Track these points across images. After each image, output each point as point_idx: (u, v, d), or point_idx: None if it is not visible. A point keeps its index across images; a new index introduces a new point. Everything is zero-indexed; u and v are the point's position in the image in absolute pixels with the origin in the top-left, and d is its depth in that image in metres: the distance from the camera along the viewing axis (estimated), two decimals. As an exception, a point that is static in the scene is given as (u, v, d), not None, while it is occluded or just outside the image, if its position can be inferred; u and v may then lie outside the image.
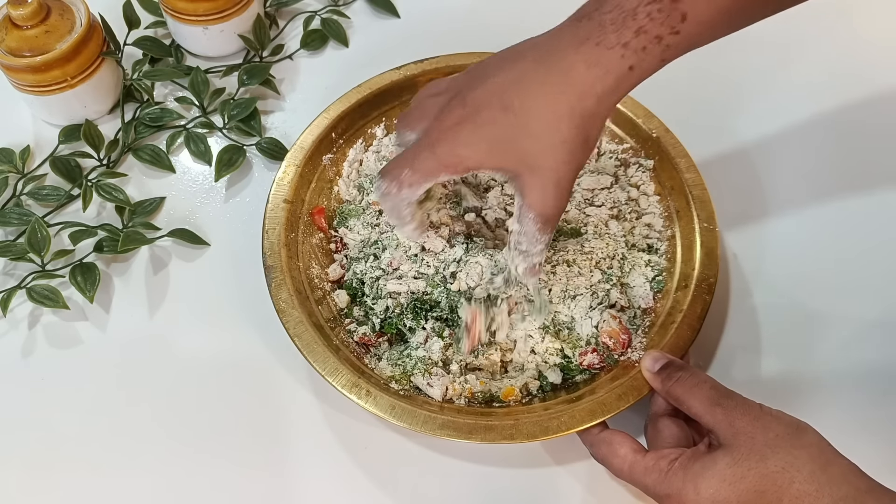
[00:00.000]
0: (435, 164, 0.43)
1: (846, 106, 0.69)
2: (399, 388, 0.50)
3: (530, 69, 0.41)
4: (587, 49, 0.40)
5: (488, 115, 0.41)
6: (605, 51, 0.39)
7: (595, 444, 0.46)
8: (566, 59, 0.40)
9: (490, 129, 0.41)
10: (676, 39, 0.39)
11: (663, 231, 0.57)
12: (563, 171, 0.42)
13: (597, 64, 0.40)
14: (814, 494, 0.38)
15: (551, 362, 0.52)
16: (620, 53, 0.39)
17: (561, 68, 0.40)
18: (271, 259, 0.53)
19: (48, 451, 0.52)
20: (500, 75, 0.42)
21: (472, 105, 0.42)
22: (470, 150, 0.42)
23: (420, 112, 0.46)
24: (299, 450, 0.52)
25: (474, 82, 0.43)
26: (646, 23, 0.39)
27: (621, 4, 0.39)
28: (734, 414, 0.41)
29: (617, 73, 0.40)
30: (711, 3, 0.39)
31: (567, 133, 0.41)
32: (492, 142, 0.42)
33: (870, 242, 0.61)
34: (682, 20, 0.39)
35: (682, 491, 0.41)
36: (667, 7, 0.39)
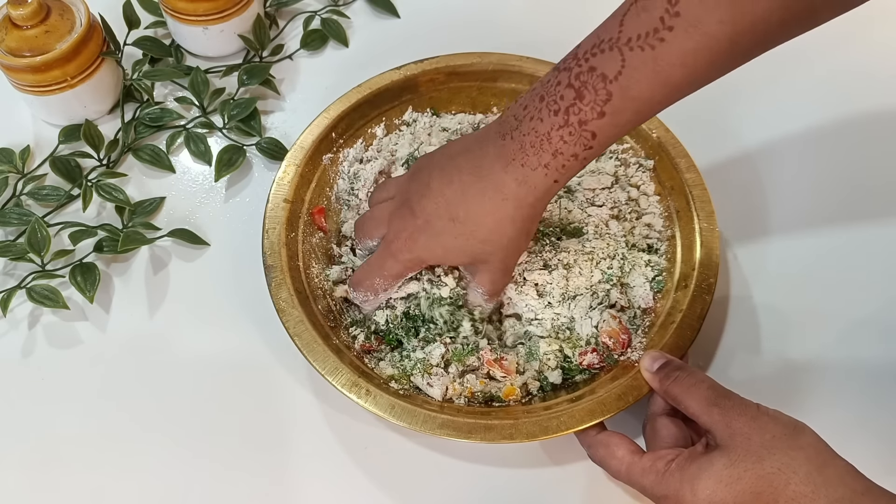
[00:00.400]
0: (400, 268, 0.50)
1: (846, 106, 0.69)
2: (399, 387, 0.50)
3: (469, 184, 0.46)
4: (514, 169, 0.45)
5: (439, 225, 0.48)
6: (529, 171, 0.45)
7: (593, 445, 0.46)
8: (497, 177, 0.45)
9: (443, 238, 0.48)
10: (591, 153, 0.44)
11: (663, 231, 0.57)
12: (509, 259, 0.49)
13: (524, 182, 0.45)
14: (810, 496, 0.38)
15: (551, 363, 0.52)
16: (543, 173, 0.44)
17: (495, 185, 0.46)
18: (271, 258, 0.53)
19: (48, 451, 0.52)
20: (442, 188, 0.47)
21: (422, 216, 0.48)
22: (428, 254, 0.49)
23: (375, 221, 0.52)
24: (299, 450, 0.52)
25: (420, 191, 0.49)
26: (560, 145, 0.43)
27: (536, 128, 0.44)
28: (731, 414, 0.42)
29: (544, 187, 0.45)
30: (615, 122, 0.42)
31: (510, 233, 0.47)
32: (446, 248, 0.48)
33: (869, 243, 0.61)
34: (592, 138, 0.43)
35: (678, 492, 0.41)
36: (576, 131, 0.42)
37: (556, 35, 0.73)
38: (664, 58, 0.39)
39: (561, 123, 0.43)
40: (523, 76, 0.63)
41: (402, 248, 0.49)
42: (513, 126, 0.45)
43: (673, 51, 0.39)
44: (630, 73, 0.40)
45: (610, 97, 0.41)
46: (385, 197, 0.53)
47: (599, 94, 0.41)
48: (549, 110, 0.43)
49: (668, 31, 0.39)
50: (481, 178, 0.46)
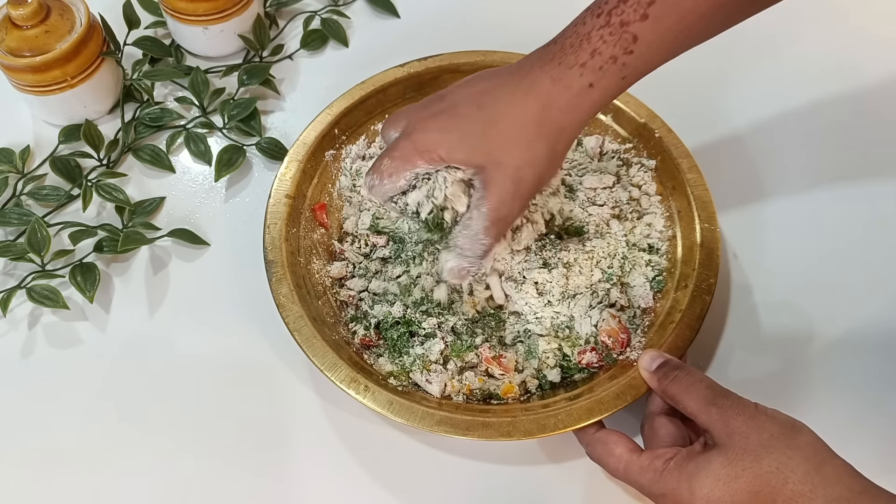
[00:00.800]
0: (411, 149, 0.46)
1: (849, 109, 0.69)
2: (398, 383, 0.50)
3: (504, 81, 0.46)
4: (551, 67, 0.44)
5: (464, 109, 0.46)
6: (566, 69, 0.44)
7: (591, 443, 0.46)
8: (533, 74, 0.45)
9: (463, 120, 0.45)
10: (632, 59, 0.43)
11: (664, 231, 0.57)
12: (525, 172, 0.45)
13: (559, 80, 0.44)
14: (808, 495, 0.38)
15: (550, 361, 0.52)
16: (579, 72, 0.44)
17: (529, 81, 0.45)
18: (272, 254, 0.53)
19: (48, 451, 0.52)
20: (477, 84, 0.47)
21: (449, 101, 0.47)
22: (443, 136, 0.46)
23: (402, 114, 0.49)
24: (300, 447, 0.52)
25: (452, 88, 0.48)
26: (599, 45, 0.43)
27: (578, 30, 0.44)
28: (729, 413, 0.42)
29: (577, 88, 0.44)
30: (657, 25, 0.42)
31: (533, 135, 0.45)
32: (464, 132, 0.45)
33: (869, 244, 0.61)
34: (633, 41, 0.42)
35: (676, 491, 0.41)
36: (617, 31, 0.42)
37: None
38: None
39: (602, 24, 0.43)
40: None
41: (419, 126, 0.46)
42: (558, 35, 0.45)
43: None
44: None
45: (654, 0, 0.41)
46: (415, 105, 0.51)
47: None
48: (592, 14, 0.43)
49: None
50: (516, 76, 0.45)
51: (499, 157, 0.45)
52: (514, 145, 0.45)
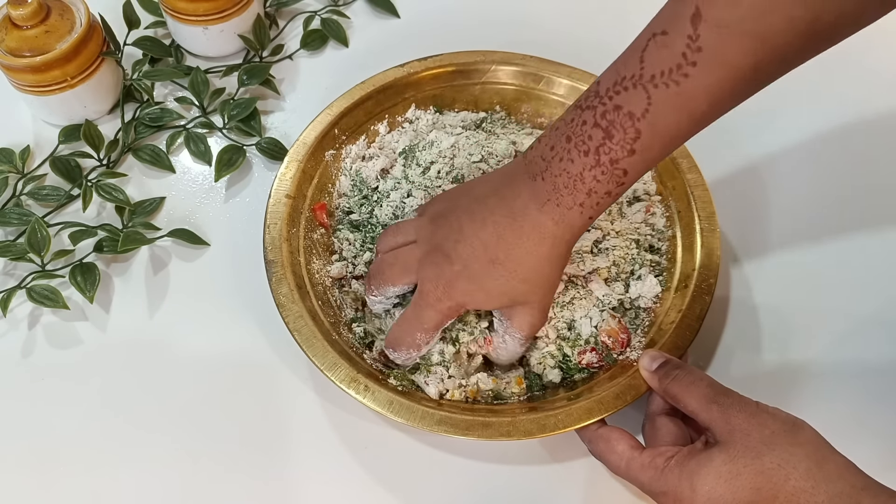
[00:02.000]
0: (440, 318, 0.49)
1: (847, 106, 0.69)
2: (398, 383, 0.50)
3: (504, 226, 0.46)
4: (550, 209, 0.45)
5: (478, 268, 0.47)
6: (566, 210, 0.45)
7: (593, 440, 0.46)
8: (534, 217, 0.46)
9: (484, 281, 0.47)
10: (623, 188, 0.44)
11: (664, 231, 0.57)
12: (547, 298, 0.49)
13: (561, 221, 0.45)
14: (809, 491, 0.38)
15: (550, 362, 0.52)
16: (579, 212, 0.45)
17: (532, 226, 0.46)
18: (272, 253, 0.53)
19: (48, 451, 0.52)
20: (478, 233, 0.47)
21: (459, 262, 0.47)
22: (468, 299, 0.48)
23: (400, 267, 0.50)
24: (300, 447, 0.52)
25: (452, 236, 0.48)
26: (594, 185, 0.43)
27: (568, 169, 0.44)
28: (730, 411, 0.42)
29: (580, 224, 0.45)
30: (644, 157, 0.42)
31: (548, 272, 0.47)
32: (487, 291, 0.47)
33: (869, 243, 0.61)
34: (623, 175, 0.43)
35: (677, 488, 0.41)
36: (608, 170, 0.43)
37: (557, 35, 0.73)
38: (690, 92, 0.39)
39: (592, 164, 0.43)
40: (527, 75, 0.63)
41: (442, 296, 0.48)
42: (542, 167, 0.45)
43: (698, 85, 0.39)
44: (657, 109, 0.40)
45: (639, 135, 0.41)
46: (402, 241, 0.52)
47: (628, 132, 0.41)
48: (578, 151, 0.43)
49: (692, 67, 0.38)
50: (516, 220, 0.46)
51: (524, 299, 0.48)
52: (536, 287, 0.47)
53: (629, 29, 0.51)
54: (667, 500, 0.42)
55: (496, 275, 0.47)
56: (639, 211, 0.58)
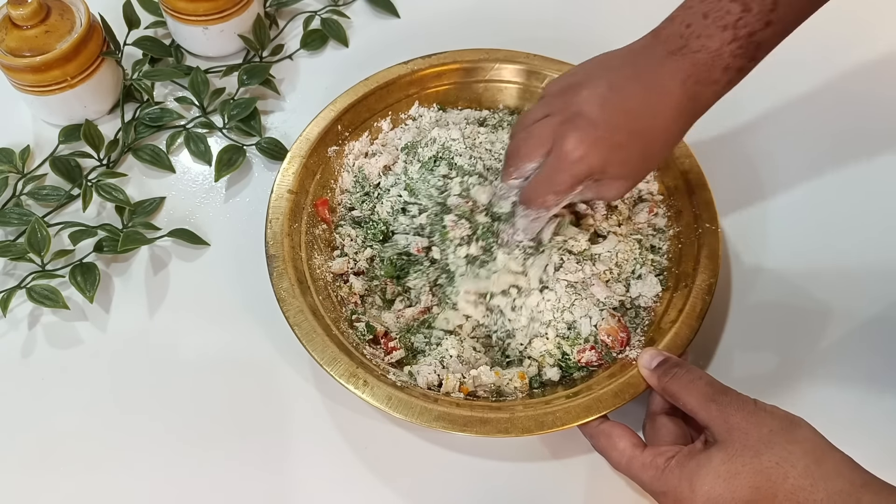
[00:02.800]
0: (573, 181, 0.47)
1: (848, 108, 0.69)
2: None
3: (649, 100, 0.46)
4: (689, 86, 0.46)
5: (621, 138, 0.46)
6: (703, 87, 0.45)
7: (595, 435, 0.47)
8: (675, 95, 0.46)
9: (624, 151, 0.47)
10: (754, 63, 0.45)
11: (665, 231, 0.57)
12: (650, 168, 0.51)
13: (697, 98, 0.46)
14: (808, 489, 0.38)
15: (549, 361, 0.52)
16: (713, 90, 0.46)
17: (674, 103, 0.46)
18: (274, 248, 0.53)
19: (48, 450, 0.52)
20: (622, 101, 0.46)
21: (604, 126, 0.46)
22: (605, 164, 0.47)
23: (536, 140, 0.48)
24: (302, 444, 0.52)
25: (596, 101, 0.46)
26: (730, 60, 0.44)
27: (707, 45, 0.44)
28: (729, 410, 0.42)
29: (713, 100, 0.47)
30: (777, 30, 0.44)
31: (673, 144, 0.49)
32: (624, 160, 0.47)
33: (869, 243, 0.61)
34: (757, 48, 0.44)
35: (677, 489, 0.41)
36: (745, 43, 0.44)
37: (556, 34, 0.73)
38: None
39: (730, 38, 0.44)
40: (530, 73, 0.63)
41: (580, 159, 0.46)
42: (679, 44, 0.45)
43: None
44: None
45: (776, 5, 0.42)
46: (537, 117, 0.49)
47: (766, 3, 0.42)
48: (716, 26, 0.44)
49: None
50: (659, 94, 0.46)
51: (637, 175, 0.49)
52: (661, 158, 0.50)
53: (631, 27, 0.51)
54: (667, 500, 0.42)
55: (638, 147, 0.47)
56: (642, 211, 0.58)
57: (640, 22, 0.50)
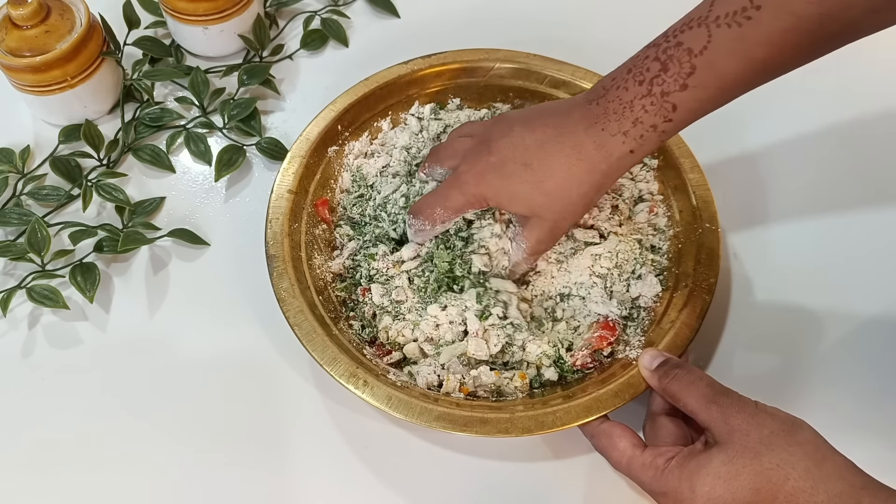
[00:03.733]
0: (463, 202, 0.50)
1: (848, 106, 0.69)
2: (396, 378, 0.50)
3: (550, 137, 0.48)
4: (594, 132, 0.46)
5: (511, 168, 0.48)
6: (609, 136, 0.46)
7: (595, 435, 0.47)
8: (578, 136, 0.47)
9: (511, 181, 0.48)
10: (670, 126, 0.45)
11: (666, 231, 0.57)
12: (562, 223, 0.50)
13: (602, 147, 0.46)
14: (809, 491, 0.38)
15: (546, 361, 0.52)
16: (621, 140, 0.46)
17: (574, 144, 0.47)
18: (274, 248, 0.53)
19: (48, 451, 0.52)
20: (525, 135, 0.48)
21: (497, 155, 0.49)
22: (493, 194, 0.49)
23: (450, 151, 0.53)
24: (302, 444, 0.52)
25: (502, 133, 0.50)
26: (641, 114, 0.45)
27: (621, 96, 0.45)
28: (729, 411, 0.42)
29: (618, 154, 0.46)
30: (696, 96, 0.43)
31: (574, 197, 0.48)
32: (512, 193, 0.49)
33: (869, 242, 0.61)
34: (672, 110, 0.44)
35: (677, 489, 0.41)
36: (658, 101, 0.44)
37: (556, 34, 0.73)
38: (750, 36, 0.40)
39: (644, 93, 0.44)
40: (530, 73, 0.63)
41: (471, 181, 0.50)
42: (600, 94, 0.46)
43: (760, 29, 0.40)
44: (715, 48, 0.41)
45: (693, 70, 0.42)
46: (465, 133, 0.54)
47: (684, 66, 0.42)
48: (634, 80, 0.45)
49: (756, 10, 0.40)
50: (562, 134, 0.47)
51: (541, 212, 0.49)
52: (557, 204, 0.48)
53: (632, 27, 0.51)
54: (667, 501, 0.42)
55: (524, 179, 0.48)
56: (642, 211, 0.58)
57: (640, 22, 0.50)
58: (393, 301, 0.53)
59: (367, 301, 0.54)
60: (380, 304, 0.53)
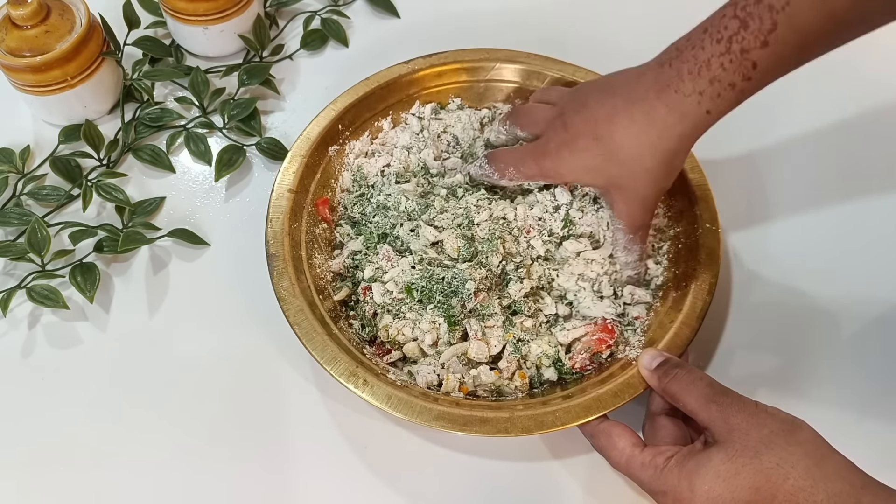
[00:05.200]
0: (537, 172, 0.51)
1: (847, 105, 0.69)
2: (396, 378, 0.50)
3: (620, 107, 0.47)
4: (668, 95, 0.45)
5: (583, 143, 0.48)
6: (682, 97, 0.44)
7: (595, 434, 0.47)
8: (649, 102, 0.46)
9: (584, 155, 0.48)
10: (749, 84, 0.44)
11: (666, 231, 0.57)
12: (645, 192, 0.49)
13: (675, 109, 0.45)
14: (808, 490, 0.38)
15: (546, 361, 0.52)
16: (697, 100, 0.44)
17: (644, 110, 0.46)
18: (274, 247, 0.53)
19: (48, 450, 0.52)
20: (596, 108, 0.48)
21: (571, 131, 0.49)
22: (567, 169, 0.50)
23: (531, 118, 0.54)
24: (303, 444, 0.52)
25: (576, 107, 0.50)
26: (719, 72, 0.43)
27: (696, 56, 0.44)
28: (729, 411, 0.42)
29: (694, 117, 0.45)
30: (777, 52, 0.42)
31: (649, 164, 0.47)
32: (586, 166, 0.49)
33: (870, 243, 0.61)
34: (752, 68, 0.43)
35: (676, 488, 0.41)
36: (737, 58, 0.43)
37: (557, 34, 0.73)
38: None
39: (722, 51, 0.43)
40: (531, 73, 0.63)
41: (546, 155, 0.50)
42: (673, 55, 0.45)
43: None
44: (797, 2, 0.41)
45: (775, 26, 0.41)
46: (548, 99, 0.55)
47: (765, 22, 0.42)
48: (711, 39, 0.43)
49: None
50: (633, 102, 0.46)
51: (619, 183, 0.48)
52: (631, 174, 0.47)
53: (633, 26, 0.51)
54: (666, 500, 0.42)
55: (595, 152, 0.48)
56: None
57: (641, 20, 0.50)
58: (394, 300, 0.53)
59: (367, 300, 0.54)
60: (381, 303, 0.53)
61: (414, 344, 0.52)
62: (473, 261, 0.53)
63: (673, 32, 0.47)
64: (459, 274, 0.52)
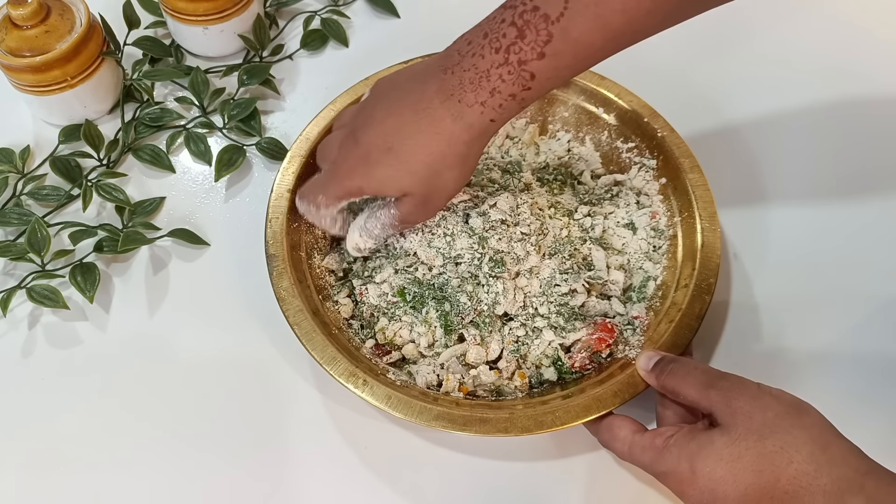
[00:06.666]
0: (341, 192, 0.50)
1: (848, 105, 0.69)
2: (395, 377, 0.50)
3: (408, 118, 0.47)
4: (451, 105, 0.45)
5: (376, 155, 0.48)
6: (466, 108, 0.45)
7: (598, 431, 0.47)
8: (435, 112, 0.46)
9: (378, 168, 0.48)
10: (529, 94, 0.44)
11: (665, 230, 0.57)
12: (433, 197, 0.49)
13: (460, 118, 0.45)
14: (812, 475, 0.38)
15: (546, 361, 0.52)
16: (480, 111, 0.45)
17: (431, 120, 0.46)
18: (273, 248, 0.53)
19: (48, 451, 0.52)
20: (385, 119, 0.48)
21: (363, 146, 0.48)
22: (366, 183, 0.49)
23: (327, 148, 0.53)
24: (302, 444, 0.52)
25: (364, 121, 0.49)
26: (498, 84, 0.43)
27: (477, 65, 0.44)
28: (731, 394, 0.41)
29: (479, 126, 0.45)
30: (554, 64, 0.42)
31: (440, 170, 0.47)
32: (380, 179, 0.48)
33: (870, 243, 0.61)
34: (531, 78, 0.43)
35: (677, 469, 0.41)
36: (515, 70, 0.43)
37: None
38: (606, 2, 0.40)
39: (501, 62, 0.43)
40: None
41: (344, 175, 0.49)
42: (455, 61, 0.45)
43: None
44: (572, 15, 0.41)
45: (550, 38, 0.41)
46: (341, 123, 0.54)
47: (541, 34, 0.42)
48: (490, 47, 0.43)
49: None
50: (419, 112, 0.46)
51: (412, 190, 0.48)
52: (422, 179, 0.47)
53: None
54: (668, 481, 0.42)
55: (388, 163, 0.47)
56: (644, 215, 0.58)
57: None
58: (389, 302, 0.53)
59: (364, 301, 0.54)
60: (376, 305, 0.53)
61: (412, 346, 0.52)
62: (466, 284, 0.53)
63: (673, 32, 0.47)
64: (448, 281, 0.52)
